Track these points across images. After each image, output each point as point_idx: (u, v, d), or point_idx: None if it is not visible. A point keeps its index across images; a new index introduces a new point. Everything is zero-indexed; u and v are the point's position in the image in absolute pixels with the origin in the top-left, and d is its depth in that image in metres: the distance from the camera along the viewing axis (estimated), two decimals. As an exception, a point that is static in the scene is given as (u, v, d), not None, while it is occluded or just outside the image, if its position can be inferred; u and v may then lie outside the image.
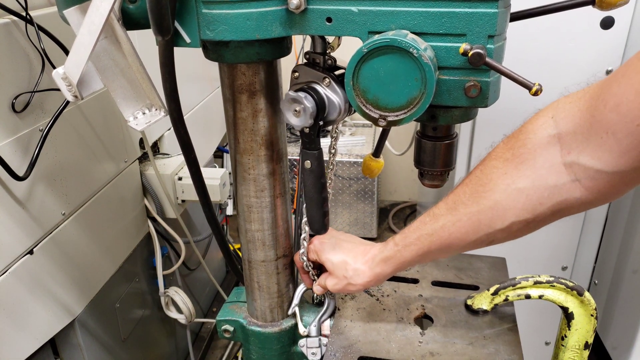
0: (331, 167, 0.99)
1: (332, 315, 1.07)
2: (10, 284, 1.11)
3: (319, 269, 1.02)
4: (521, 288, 0.98)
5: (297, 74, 0.83)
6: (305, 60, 0.85)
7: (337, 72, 0.81)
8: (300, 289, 1.07)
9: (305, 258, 0.99)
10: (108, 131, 1.45)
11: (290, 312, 1.06)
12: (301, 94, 0.77)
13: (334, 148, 0.97)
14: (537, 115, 0.73)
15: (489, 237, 0.76)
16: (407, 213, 3.58)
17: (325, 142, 0.89)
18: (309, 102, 0.77)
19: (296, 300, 1.06)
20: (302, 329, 1.04)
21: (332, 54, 0.84)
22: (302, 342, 1.05)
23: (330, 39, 0.83)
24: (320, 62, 0.82)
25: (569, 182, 0.68)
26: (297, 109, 0.78)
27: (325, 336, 1.04)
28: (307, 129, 0.81)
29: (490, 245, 0.79)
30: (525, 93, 0.66)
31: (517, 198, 0.72)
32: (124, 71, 0.78)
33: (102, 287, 1.48)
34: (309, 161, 0.85)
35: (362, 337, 1.01)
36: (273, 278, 1.03)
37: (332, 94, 0.80)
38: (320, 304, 1.09)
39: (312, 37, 0.82)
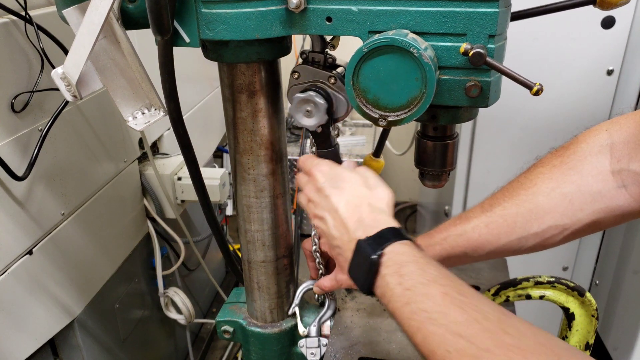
0: None
1: (332, 316, 1.06)
2: (10, 285, 1.11)
3: (326, 261, 1.01)
4: (522, 288, 0.98)
5: (297, 74, 0.83)
6: (301, 60, 0.84)
7: (338, 70, 0.82)
8: (301, 289, 1.06)
9: (317, 241, 0.98)
10: (107, 131, 1.45)
11: (290, 312, 1.06)
12: (312, 93, 0.79)
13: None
14: (590, 129, 0.76)
15: (520, 241, 0.76)
16: (407, 213, 3.57)
17: None
18: (321, 100, 0.78)
19: (296, 300, 1.05)
20: (301, 329, 1.04)
21: (331, 53, 0.84)
22: (301, 342, 1.05)
23: (330, 37, 0.83)
24: (320, 61, 0.82)
25: (614, 189, 0.70)
26: (309, 109, 0.79)
27: (325, 337, 1.04)
28: (320, 127, 0.82)
29: (516, 254, 0.79)
30: (526, 93, 0.65)
31: (560, 202, 0.73)
32: (123, 71, 0.78)
33: (101, 287, 1.47)
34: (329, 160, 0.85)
35: (362, 338, 1.01)
36: (273, 278, 1.03)
37: (339, 92, 0.81)
38: (321, 304, 1.09)
39: (312, 36, 0.82)
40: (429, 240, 0.84)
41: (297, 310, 1.05)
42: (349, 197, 0.73)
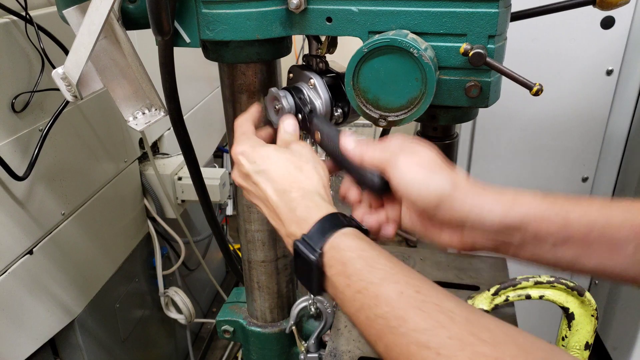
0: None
1: (330, 329, 1.06)
2: (10, 284, 1.11)
3: None
4: (522, 288, 0.98)
5: (291, 75, 0.83)
6: (302, 62, 0.85)
7: (328, 75, 0.80)
8: (296, 305, 1.06)
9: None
10: (108, 131, 1.45)
11: (287, 331, 1.05)
12: (281, 93, 0.77)
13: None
14: None
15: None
16: (407, 213, 3.57)
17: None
18: (286, 103, 0.76)
19: (292, 320, 1.05)
20: (301, 346, 1.04)
21: (333, 54, 0.84)
22: (301, 357, 1.05)
23: (322, 39, 0.82)
24: (312, 64, 0.82)
25: None
26: (277, 106, 0.77)
27: (324, 341, 1.04)
28: None
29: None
30: (526, 93, 0.65)
31: None
32: (124, 71, 0.78)
33: (101, 287, 1.47)
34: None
35: (363, 338, 1.01)
36: (273, 278, 1.03)
37: (314, 97, 0.78)
38: (317, 316, 1.08)
39: (308, 39, 0.82)
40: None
41: (294, 329, 1.05)
42: (276, 181, 0.64)
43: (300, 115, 0.77)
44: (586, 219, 0.56)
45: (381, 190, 0.64)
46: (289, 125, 0.73)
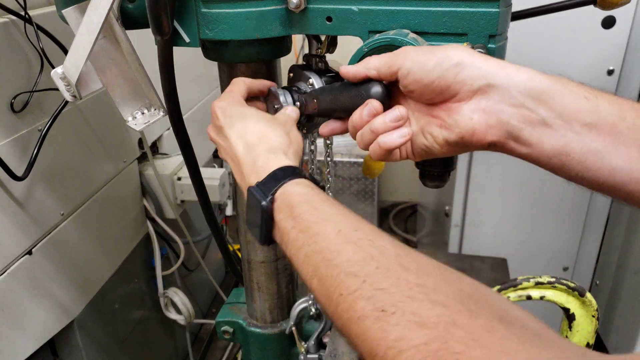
0: (327, 170, 0.99)
1: (330, 329, 1.06)
2: (9, 285, 1.10)
3: None
4: (522, 289, 0.98)
5: (292, 74, 0.83)
6: (303, 61, 0.84)
7: (328, 75, 0.80)
8: (296, 306, 1.06)
9: None
10: (107, 131, 1.45)
11: (287, 331, 1.05)
12: (280, 92, 0.76)
13: (329, 154, 0.98)
14: None
15: None
16: (407, 213, 3.57)
17: (321, 143, 0.89)
18: (285, 102, 0.76)
19: (292, 321, 1.05)
20: (300, 347, 1.04)
21: (334, 54, 0.83)
22: (301, 358, 1.04)
23: (322, 38, 0.82)
24: (312, 64, 0.82)
25: None
26: (276, 106, 0.77)
27: (324, 342, 1.04)
28: None
29: None
30: (527, 93, 0.65)
31: None
32: (123, 71, 0.78)
33: (101, 287, 1.47)
34: None
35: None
36: (273, 279, 1.03)
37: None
38: (317, 316, 1.08)
39: (308, 38, 0.82)
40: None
41: (294, 329, 1.05)
42: (247, 138, 0.65)
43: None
44: (617, 106, 0.54)
45: (385, 94, 0.63)
46: (291, 111, 0.73)
